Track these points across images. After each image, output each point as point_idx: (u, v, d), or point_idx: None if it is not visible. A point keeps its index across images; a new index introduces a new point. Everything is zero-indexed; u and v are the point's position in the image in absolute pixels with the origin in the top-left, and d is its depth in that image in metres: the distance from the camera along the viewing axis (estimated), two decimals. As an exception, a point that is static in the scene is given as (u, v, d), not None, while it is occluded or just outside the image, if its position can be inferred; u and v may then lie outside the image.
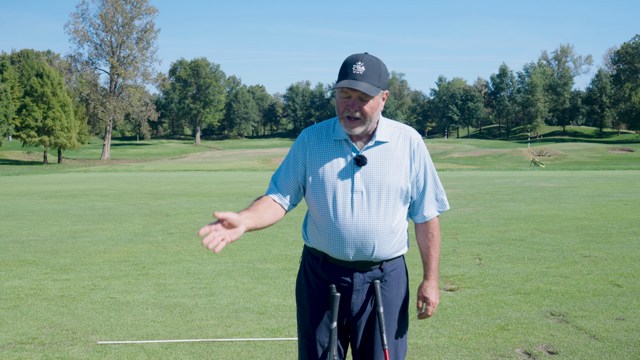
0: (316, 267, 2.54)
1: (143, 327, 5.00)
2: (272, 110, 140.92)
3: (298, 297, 2.64)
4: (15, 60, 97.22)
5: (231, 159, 64.77)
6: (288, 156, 2.59)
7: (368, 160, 2.43)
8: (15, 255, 8.57)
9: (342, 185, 2.43)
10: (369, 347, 2.51)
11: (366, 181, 2.43)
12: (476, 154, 69.35)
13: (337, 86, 2.36)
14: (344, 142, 2.48)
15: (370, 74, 2.35)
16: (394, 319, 2.54)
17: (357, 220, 2.41)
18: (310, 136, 2.54)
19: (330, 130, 2.52)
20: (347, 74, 2.36)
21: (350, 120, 2.39)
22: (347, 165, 2.45)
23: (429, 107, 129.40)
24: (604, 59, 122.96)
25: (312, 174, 2.48)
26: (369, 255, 2.45)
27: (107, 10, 74.24)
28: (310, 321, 2.54)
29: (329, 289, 2.51)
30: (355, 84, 2.32)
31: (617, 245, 8.75)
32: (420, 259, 2.86)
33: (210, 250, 2.22)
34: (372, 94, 2.34)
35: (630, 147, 74.31)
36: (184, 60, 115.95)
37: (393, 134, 2.51)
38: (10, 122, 59.89)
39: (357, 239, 2.42)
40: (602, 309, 5.32)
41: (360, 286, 2.49)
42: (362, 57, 2.38)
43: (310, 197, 2.51)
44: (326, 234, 2.45)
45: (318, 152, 2.49)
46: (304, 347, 2.57)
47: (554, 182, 24.76)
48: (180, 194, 20.65)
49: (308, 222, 2.59)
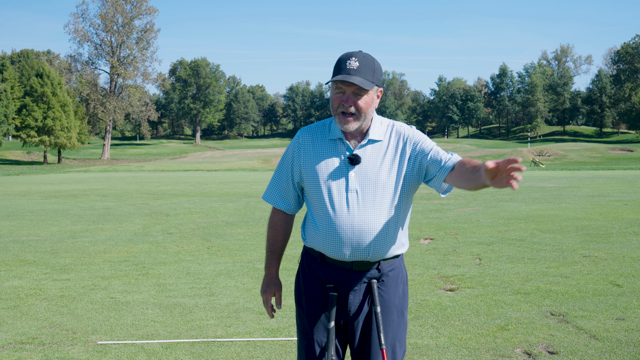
0: (314, 267, 2.54)
1: (143, 327, 5.00)
2: (272, 110, 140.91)
3: (296, 298, 2.64)
4: (15, 60, 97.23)
5: (231, 159, 64.77)
6: (284, 158, 2.60)
7: (362, 159, 2.43)
8: (15, 255, 8.57)
9: (336, 184, 2.44)
10: (366, 347, 2.51)
11: (360, 180, 2.43)
12: (476, 154, 69.33)
13: (331, 80, 2.37)
14: (339, 141, 2.47)
15: (364, 69, 2.36)
16: (391, 320, 2.53)
17: (352, 219, 2.41)
18: (304, 136, 2.55)
19: (326, 130, 2.52)
20: (340, 69, 2.37)
21: (345, 115, 2.39)
22: (341, 164, 2.45)
23: (429, 107, 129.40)
24: (604, 59, 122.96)
25: (308, 174, 2.50)
26: (366, 254, 2.45)
27: (107, 10, 74.24)
28: (309, 321, 2.54)
29: (326, 289, 2.51)
30: (349, 77, 2.32)
31: (617, 245, 8.75)
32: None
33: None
34: (366, 87, 2.34)
35: (630, 147, 74.30)
36: (184, 60, 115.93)
37: (386, 132, 2.51)
38: (10, 122, 59.88)
39: (352, 239, 2.42)
40: (602, 309, 5.32)
41: (357, 286, 2.49)
42: (356, 53, 2.39)
43: (308, 197, 2.53)
44: (323, 233, 2.46)
45: (312, 152, 2.50)
46: (302, 347, 2.57)
47: (554, 182, 24.76)
48: (180, 194, 20.65)
49: (306, 221, 2.60)
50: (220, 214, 13.73)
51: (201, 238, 10.06)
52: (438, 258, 7.85)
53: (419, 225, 11.33)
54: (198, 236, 10.29)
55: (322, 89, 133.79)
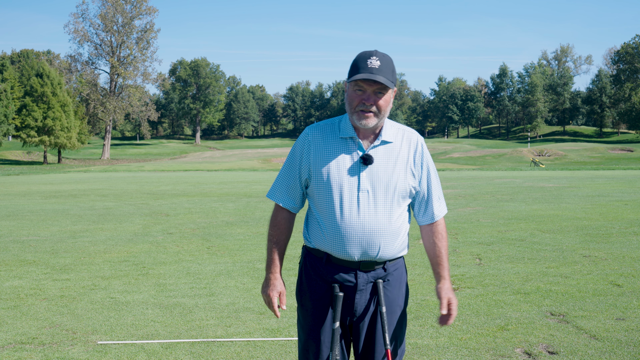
0: (318, 267, 2.52)
1: (143, 327, 5.00)
2: (272, 110, 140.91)
3: (300, 298, 2.61)
4: (15, 60, 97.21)
5: (231, 159, 64.76)
6: (292, 155, 2.56)
7: (374, 160, 2.43)
8: (15, 255, 8.57)
9: (348, 183, 2.42)
10: (371, 348, 2.51)
11: (372, 180, 2.42)
12: (476, 154, 69.34)
13: (356, 78, 2.34)
14: (350, 140, 2.46)
15: (385, 68, 2.37)
16: (395, 319, 2.54)
17: (363, 219, 2.40)
18: (314, 134, 2.52)
19: (336, 128, 2.50)
20: (361, 67, 2.36)
21: (365, 112, 2.38)
22: (353, 163, 2.43)
23: (429, 107, 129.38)
24: (604, 59, 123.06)
25: (318, 172, 2.46)
26: (374, 255, 2.44)
27: (107, 10, 74.21)
28: (313, 321, 2.52)
29: (331, 289, 2.49)
30: (374, 76, 2.32)
31: (617, 245, 8.75)
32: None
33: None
34: (390, 86, 2.36)
35: (630, 147, 74.28)
36: (184, 60, 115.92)
37: (397, 134, 2.51)
38: (10, 122, 59.87)
39: (363, 239, 2.41)
40: (602, 309, 5.32)
41: (364, 286, 2.48)
42: (375, 52, 2.39)
43: (315, 195, 2.49)
44: (331, 233, 2.44)
45: (324, 150, 2.47)
46: (306, 347, 2.55)
47: (554, 182, 24.76)
48: (180, 194, 20.65)
49: (310, 221, 2.56)
50: (220, 214, 13.73)
51: (201, 238, 10.06)
52: (438, 258, 7.84)
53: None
54: (198, 236, 10.30)
55: (322, 89, 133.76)
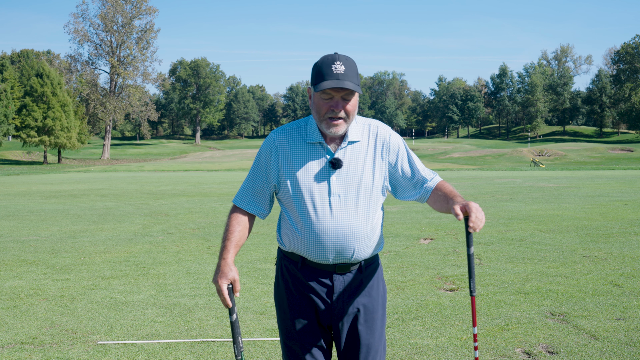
0: (294, 270, 2.52)
1: (143, 327, 5.00)
2: (272, 110, 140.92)
3: (278, 302, 2.60)
4: (15, 60, 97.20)
5: (231, 159, 64.76)
6: (258, 161, 2.51)
7: (343, 162, 2.41)
8: (15, 255, 8.58)
9: (318, 189, 2.40)
10: (353, 347, 2.52)
11: (343, 183, 2.41)
12: (476, 154, 69.33)
13: (325, 87, 2.29)
14: (319, 144, 2.44)
15: (350, 73, 2.33)
16: (376, 317, 2.55)
17: (336, 224, 2.40)
18: (280, 138, 2.48)
19: (302, 133, 2.47)
20: (326, 74, 2.31)
21: (333, 120, 2.35)
22: (322, 168, 2.41)
23: (429, 107, 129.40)
24: (604, 59, 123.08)
25: (287, 179, 2.44)
26: (349, 257, 2.44)
27: (107, 10, 74.19)
28: (293, 325, 2.52)
29: (308, 291, 2.49)
30: (342, 83, 2.29)
31: (617, 245, 8.75)
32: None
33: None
34: (358, 91, 2.34)
35: (630, 147, 74.26)
36: (184, 60, 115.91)
37: (363, 131, 2.49)
38: (10, 122, 59.85)
39: (337, 243, 2.40)
40: (602, 309, 5.32)
41: (340, 287, 2.48)
42: (338, 56, 2.34)
43: (286, 201, 2.47)
44: (305, 238, 2.43)
45: (291, 156, 2.44)
46: (287, 350, 2.56)
47: (554, 182, 24.76)
48: (180, 194, 20.65)
49: (283, 225, 2.54)
50: (220, 214, 13.73)
51: (201, 238, 10.06)
52: (438, 258, 7.84)
53: (419, 225, 11.33)
54: (198, 236, 10.30)
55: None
